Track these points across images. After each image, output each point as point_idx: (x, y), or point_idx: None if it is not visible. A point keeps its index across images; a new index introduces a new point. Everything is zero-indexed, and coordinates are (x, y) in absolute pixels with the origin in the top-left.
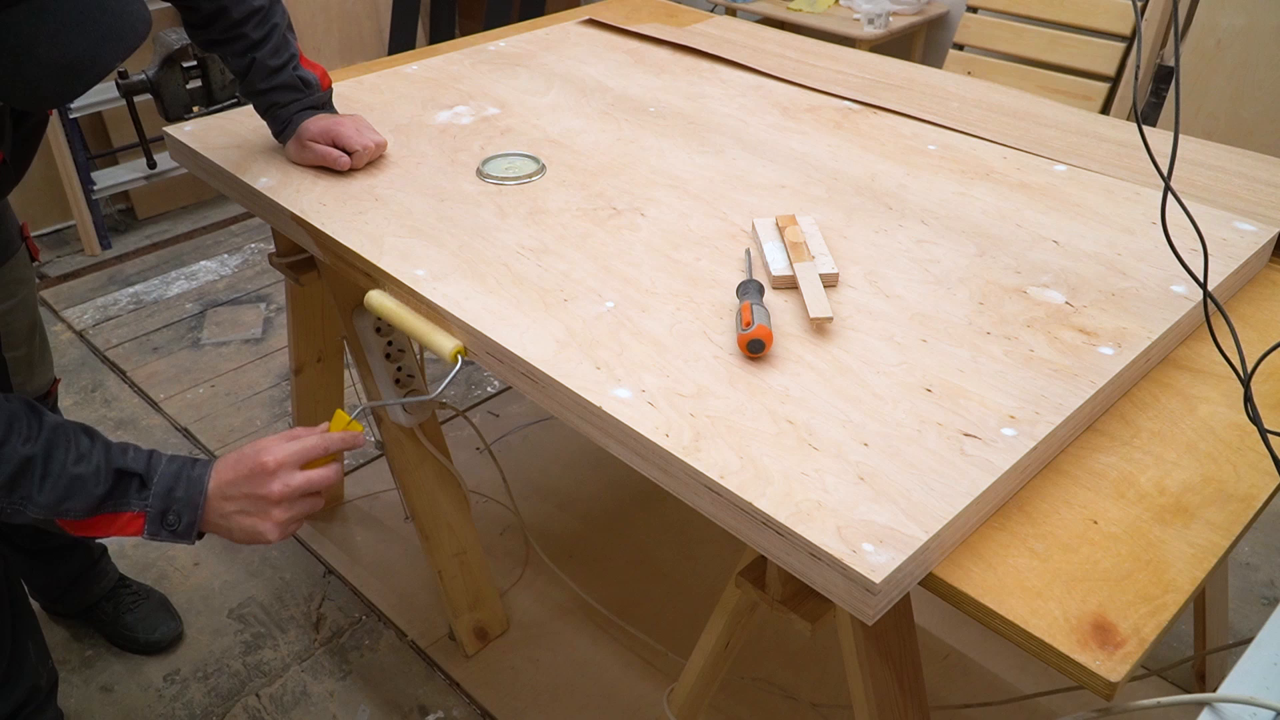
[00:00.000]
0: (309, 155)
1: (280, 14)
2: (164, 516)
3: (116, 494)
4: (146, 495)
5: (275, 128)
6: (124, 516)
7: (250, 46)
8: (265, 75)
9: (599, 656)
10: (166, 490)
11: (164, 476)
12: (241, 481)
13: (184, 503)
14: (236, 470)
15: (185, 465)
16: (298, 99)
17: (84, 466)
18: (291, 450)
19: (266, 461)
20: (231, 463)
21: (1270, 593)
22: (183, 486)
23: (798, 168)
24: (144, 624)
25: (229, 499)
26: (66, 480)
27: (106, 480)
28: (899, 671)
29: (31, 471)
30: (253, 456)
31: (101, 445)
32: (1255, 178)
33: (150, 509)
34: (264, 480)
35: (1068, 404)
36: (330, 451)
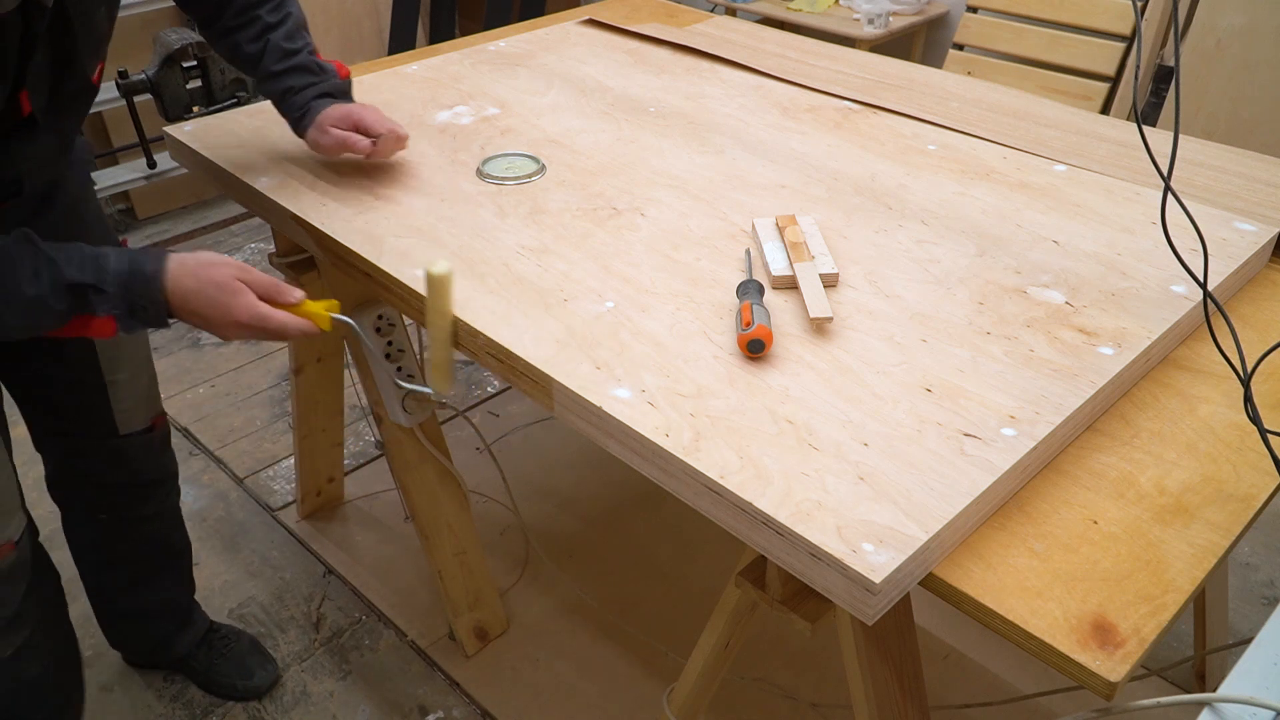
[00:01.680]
0: (329, 140)
1: (295, 5)
2: (131, 313)
3: (78, 305)
4: (107, 299)
5: (293, 116)
6: (95, 321)
7: (265, 29)
8: (280, 57)
9: (599, 656)
10: (123, 289)
11: (117, 277)
12: (209, 316)
13: (147, 299)
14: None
15: (135, 261)
16: (314, 83)
17: (37, 285)
18: (266, 319)
19: (239, 318)
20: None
21: (1270, 593)
22: (140, 284)
23: (797, 168)
24: (240, 670)
25: (190, 313)
26: (24, 303)
27: (63, 296)
28: (899, 671)
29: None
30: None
31: (45, 258)
32: (1255, 178)
33: (117, 310)
34: (231, 327)
35: (1068, 404)
36: (300, 338)
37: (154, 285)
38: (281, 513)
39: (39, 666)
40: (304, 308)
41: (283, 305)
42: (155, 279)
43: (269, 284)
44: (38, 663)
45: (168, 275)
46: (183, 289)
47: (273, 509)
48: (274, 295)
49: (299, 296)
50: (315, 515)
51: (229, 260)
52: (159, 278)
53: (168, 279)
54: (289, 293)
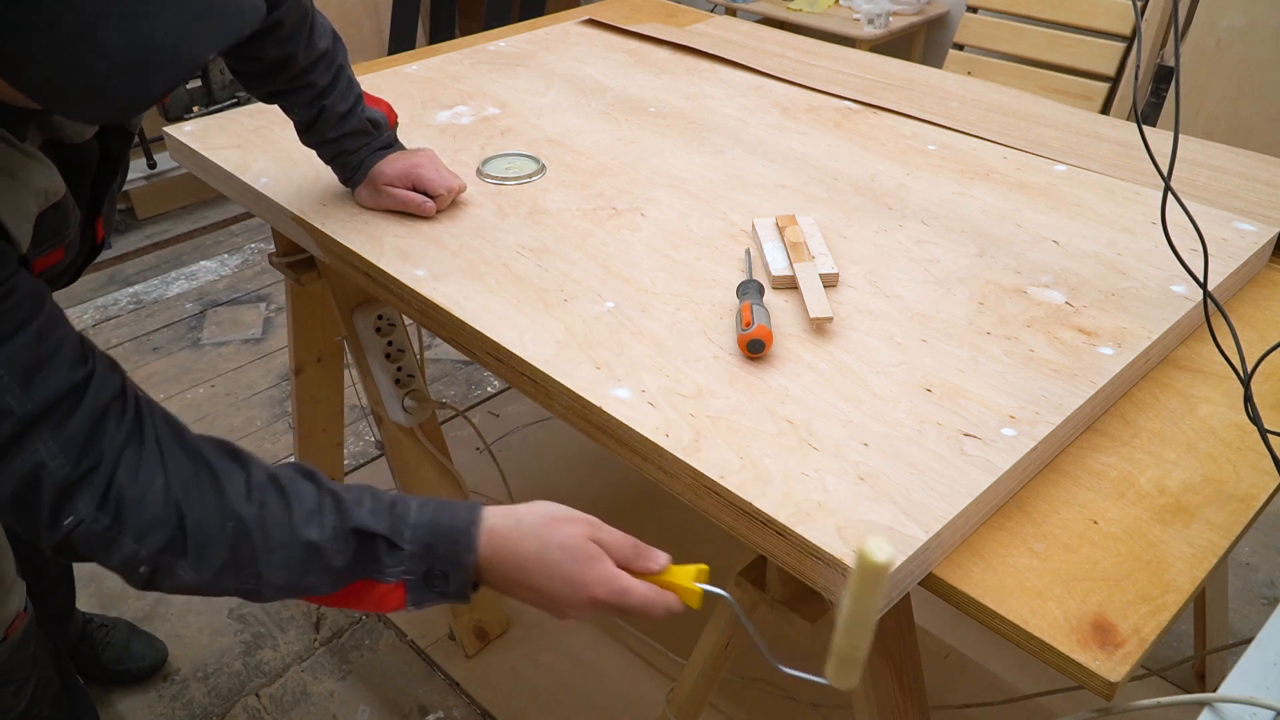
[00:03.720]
0: (386, 200)
1: (342, 52)
2: (427, 580)
3: (362, 561)
4: (401, 558)
5: (344, 174)
6: (380, 589)
7: (318, 94)
8: (335, 123)
9: (599, 656)
10: (423, 549)
11: (417, 529)
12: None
13: (449, 561)
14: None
15: (441, 512)
16: (367, 143)
17: (315, 530)
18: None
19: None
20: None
21: (1270, 593)
22: (443, 543)
23: (797, 168)
24: (127, 655)
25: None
26: (301, 550)
27: (346, 546)
28: (899, 671)
29: (251, 543)
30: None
31: (330, 496)
32: (1255, 178)
33: (410, 576)
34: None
35: (1068, 404)
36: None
37: (465, 544)
38: None
39: (48, 708)
40: (669, 576)
41: (642, 573)
42: (465, 535)
43: (628, 546)
44: (46, 704)
45: (483, 530)
46: (513, 552)
47: None
48: (632, 561)
49: (664, 561)
50: None
51: (576, 515)
52: (470, 534)
53: (483, 535)
54: (652, 557)
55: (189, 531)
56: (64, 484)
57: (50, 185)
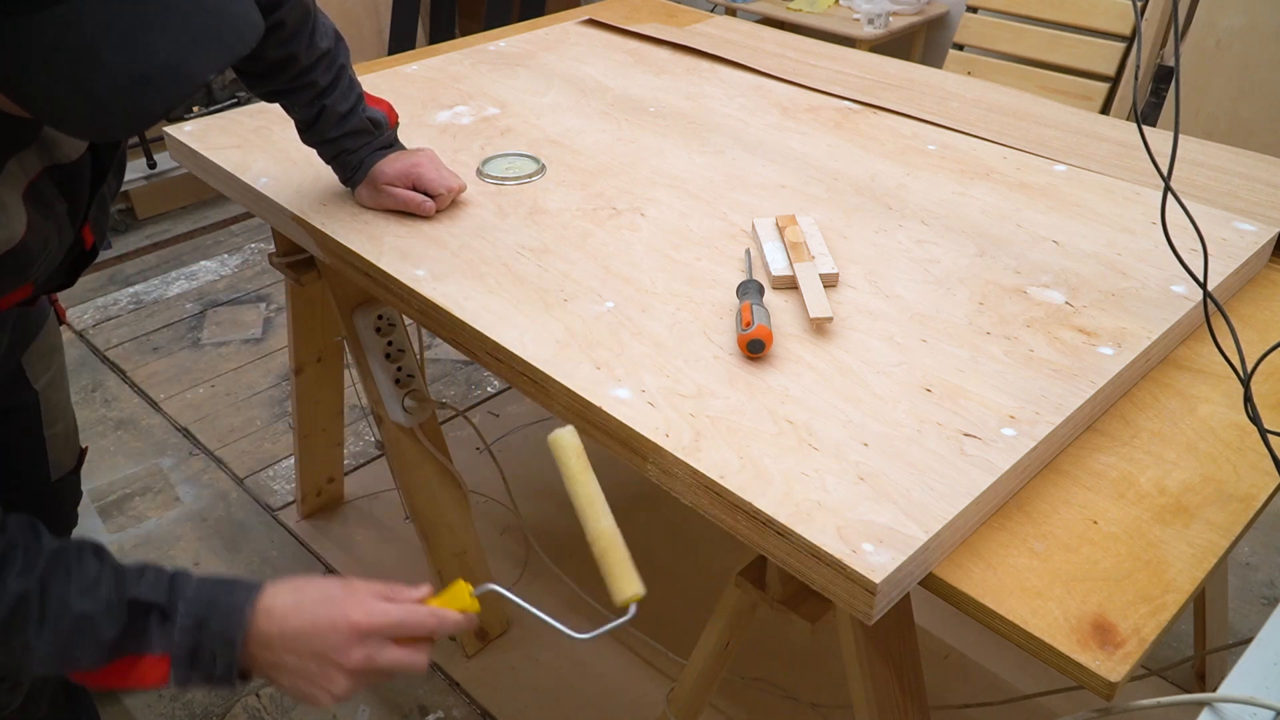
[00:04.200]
0: (386, 200)
1: (344, 52)
2: (194, 657)
3: (133, 633)
4: (170, 630)
5: (344, 174)
6: (145, 661)
7: (319, 94)
8: (335, 122)
9: (599, 656)
10: (196, 622)
11: (191, 604)
12: (315, 635)
13: (220, 640)
14: (312, 619)
15: (220, 590)
16: (368, 142)
17: (90, 601)
18: (391, 616)
19: (358, 621)
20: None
21: (1270, 593)
22: (218, 618)
23: (797, 168)
24: None
25: (289, 650)
26: (70, 621)
27: (119, 617)
28: (899, 671)
29: (27, 612)
30: (338, 608)
31: (111, 570)
32: (1255, 178)
33: (176, 649)
34: (346, 644)
35: (1068, 404)
36: (439, 635)
37: (236, 615)
38: (282, 513)
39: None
40: (437, 602)
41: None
42: (237, 610)
43: (383, 587)
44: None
45: (259, 602)
46: (277, 606)
47: (273, 509)
48: (390, 595)
49: (423, 592)
50: (315, 515)
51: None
52: (243, 610)
53: (258, 606)
54: (405, 591)
55: None
56: None
57: (6, 234)
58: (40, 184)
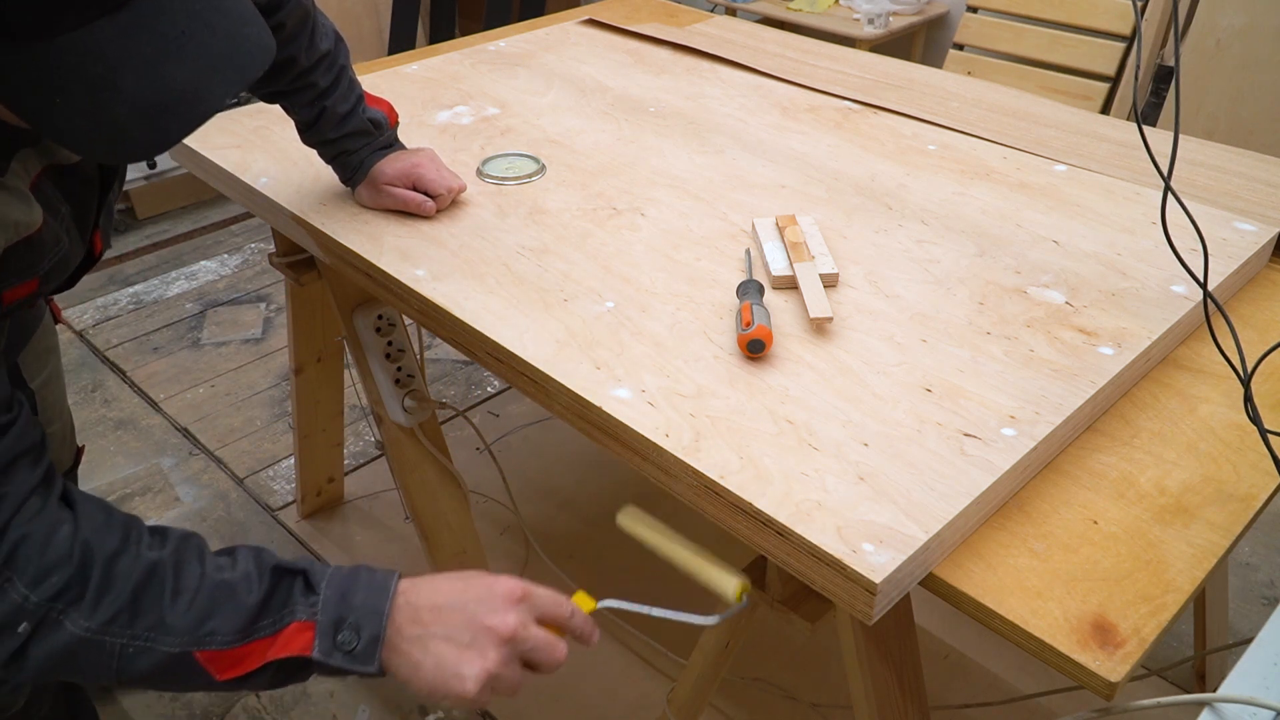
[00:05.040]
0: (386, 200)
1: (344, 53)
2: (337, 628)
3: (276, 600)
4: (315, 600)
5: (344, 174)
6: (284, 633)
7: (320, 95)
8: (335, 123)
9: (599, 656)
10: (340, 594)
11: (335, 577)
12: (466, 601)
13: (364, 611)
14: (463, 586)
15: (360, 569)
16: (368, 143)
17: (229, 572)
18: (540, 593)
19: (510, 588)
20: (449, 579)
21: (1270, 593)
22: (361, 591)
23: (798, 168)
24: None
25: (439, 620)
26: (209, 590)
27: (262, 583)
28: (899, 671)
29: (160, 583)
30: (485, 580)
31: (248, 551)
32: (1255, 178)
33: (321, 617)
34: (501, 606)
35: (1068, 404)
36: (570, 628)
37: (379, 591)
38: (282, 513)
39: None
40: None
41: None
42: (381, 584)
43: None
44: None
45: (402, 579)
46: (425, 583)
47: (273, 509)
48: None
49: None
50: (315, 515)
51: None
52: (387, 583)
53: (402, 583)
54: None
55: (92, 571)
56: None
57: (23, 218)
58: (41, 184)
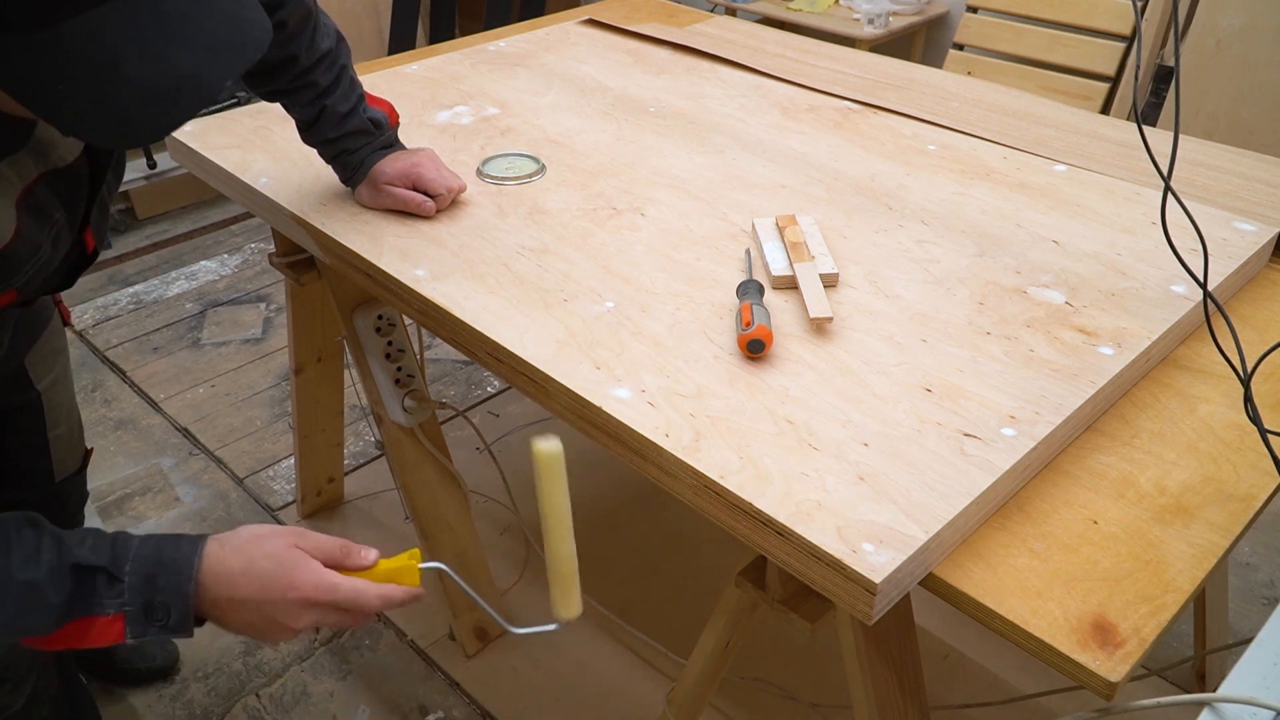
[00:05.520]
0: (386, 200)
1: (345, 53)
2: (149, 612)
3: (81, 596)
4: (120, 590)
5: (344, 174)
6: (99, 622)
7: (320, 94)
8: (336, 123)
9: (599, 656)
10: (144, 579)
11: (137, 563)
12: (264, 603)
13: (170, 592)
14: (261, 588)
15: (163, 545)
16: (368, 142)
17: (34, 569)
18: (339, 594)
19: (306, 595)
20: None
21: (1270, 593)
22: (165, 574)
23: (798, 168)
24: (139, 654)
25: (237, 612)
26: (17, 590)
27: (65, 582)
28: (899, 671)
29: None
30: (287, 577)
31: (51, 538)
32: (1255, 178)
33: (129, 607)
34: (295, 612)
35: (1068, 404)
36: (384, 609)
37: (183, 571)
38: (282, 513)
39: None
40: (380, 569)
41: (353, 570)
42: (185, 563)
43: (334, 547)
44: (46, 703)
45: (203, 556)
46: (225, 572)
47: (273, 509)
48: (341, 559)
49: (373, 557)
50: (315, 515)
51: (278, 529)
52: (191, 560)
53: (203, 561)
54: (360, 554)
55: None
56: None
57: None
58: (37, 190)
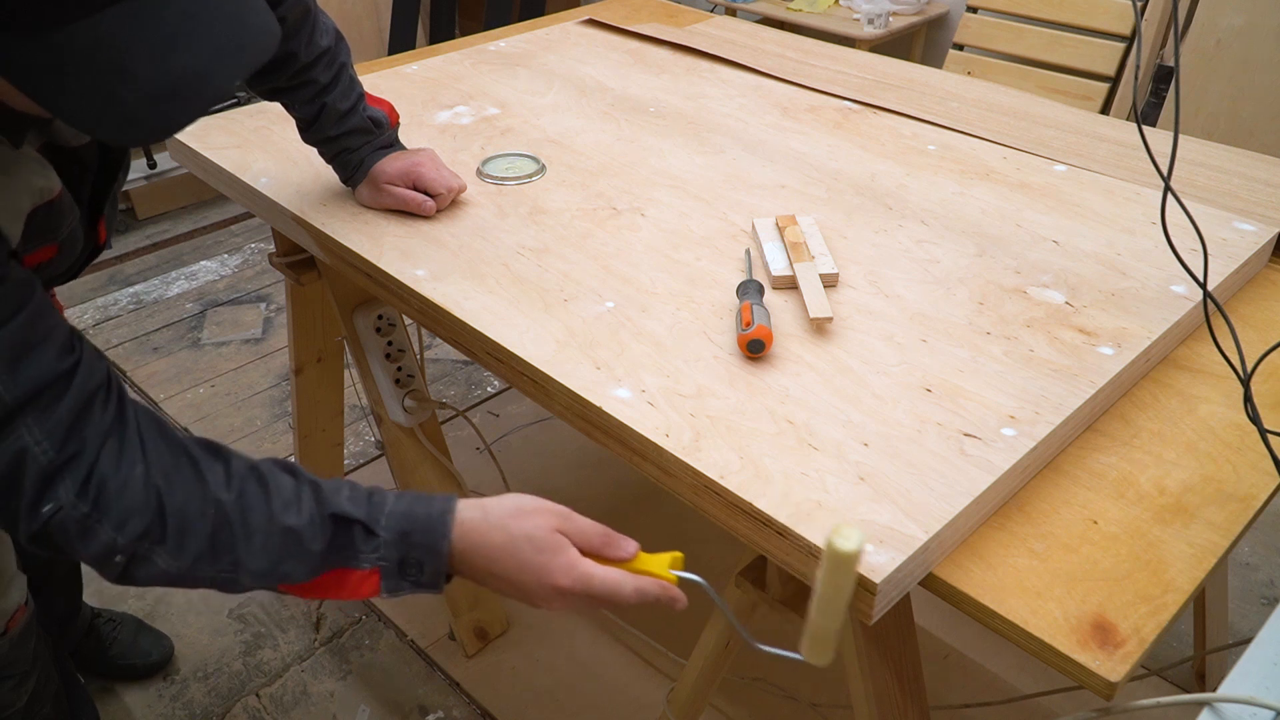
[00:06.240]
0: (387, 199)
1: (345, 51)
2: (402, 568)
3: (339, 547)
4: (377, 544)
5: (344, 173)
6: (355, 575)
7: (320, 91)
8: (335, 120)
9: (599, 656)
10: (399, 535)
11: (392, 519)
12: (518, 582)
13: (425, 549)
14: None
15: (416, 502)
16: (369, 141)
17: (294, 515)
18: (593, 587)
19: (560, 585)
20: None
21: (1270, 593)
22: (419, 531)
23: (798, 168)
24: (133, 651)
25: (493, 576)
26: (279, 535)
27: (324, 531)
28: (899, 671)
29: (230, 527)
30: (544, 563)
31: (310, 486)
32: (1255, 178)
33: (385, 563)
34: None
35: (1068, 404)
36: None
37: (439, 531)
38: None
39: (49, 706)
40: (640, 564)
41: (613, 561)
42: (442, 523)
43: (596, 535)
44: (47, 702)
45: (457, 521)
46: (482, 544)
47: None
48: (601, 549)
49: (633, 549)
50: None
51: (545, 506)
52: (445, 522)
53: (456, 526)
54: (621, 545)
55: (168, 518)
56: (46, 470)
57: (45, 184)
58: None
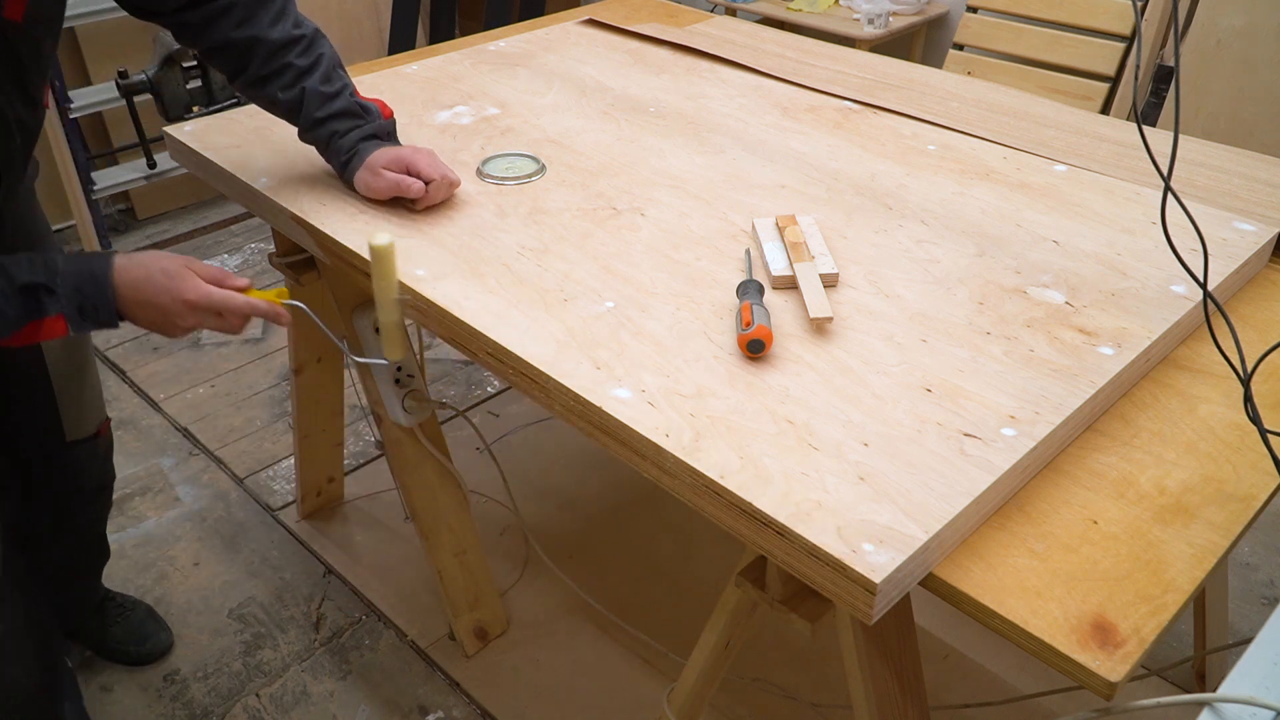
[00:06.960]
0: (382, 183)
1: (327, 45)
2: (81, 312)
3: (30, 307)
4: (57, 299)
5: (339, 161)
6: (46, 323)
7: (299, 75)
8: (320, 102)
9: (599, 656)
10: (74, 289)
11: (66, 277)
12: (159, 305)
13: (95, 295)
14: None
15: (81, 262)
16: (359, 125)
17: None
18: (213, 299)
19: (189, 299)
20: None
21: (1270, 593)
22: (88, 283)
23: (797, 168)
24: (133, 636)
25: (142, 309)
26: None
27: (16, 300)
28: (899, 671)
29: None
30: (176, 286)
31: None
32: (1255, 178)
33: (66, 310)
34: (181, 312)
35: (1068, 404)
36: (250, 314)
37: (102, 281)
38: (281, 513)
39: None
40: (252, 293)
41: (230, 288)
42: (103, 275)
43: (216, 270)
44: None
45: (115, 269)
46: (131, 280)
47: (273, 509)
48: (220, 280)
49: (244, 282)
50: (315, 515)
51: (175, 254)
52: (107, 273)
53: (115, 273)
54: (234, 279)
55: None
56: None
57: None
58: None
